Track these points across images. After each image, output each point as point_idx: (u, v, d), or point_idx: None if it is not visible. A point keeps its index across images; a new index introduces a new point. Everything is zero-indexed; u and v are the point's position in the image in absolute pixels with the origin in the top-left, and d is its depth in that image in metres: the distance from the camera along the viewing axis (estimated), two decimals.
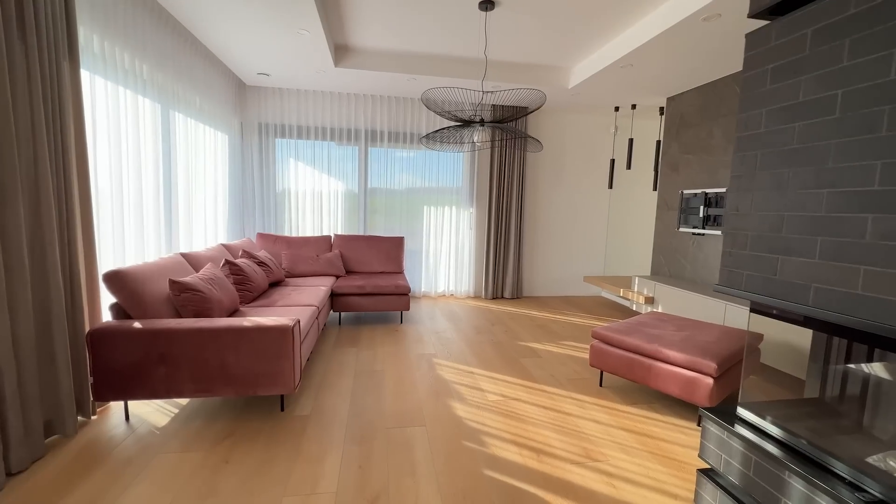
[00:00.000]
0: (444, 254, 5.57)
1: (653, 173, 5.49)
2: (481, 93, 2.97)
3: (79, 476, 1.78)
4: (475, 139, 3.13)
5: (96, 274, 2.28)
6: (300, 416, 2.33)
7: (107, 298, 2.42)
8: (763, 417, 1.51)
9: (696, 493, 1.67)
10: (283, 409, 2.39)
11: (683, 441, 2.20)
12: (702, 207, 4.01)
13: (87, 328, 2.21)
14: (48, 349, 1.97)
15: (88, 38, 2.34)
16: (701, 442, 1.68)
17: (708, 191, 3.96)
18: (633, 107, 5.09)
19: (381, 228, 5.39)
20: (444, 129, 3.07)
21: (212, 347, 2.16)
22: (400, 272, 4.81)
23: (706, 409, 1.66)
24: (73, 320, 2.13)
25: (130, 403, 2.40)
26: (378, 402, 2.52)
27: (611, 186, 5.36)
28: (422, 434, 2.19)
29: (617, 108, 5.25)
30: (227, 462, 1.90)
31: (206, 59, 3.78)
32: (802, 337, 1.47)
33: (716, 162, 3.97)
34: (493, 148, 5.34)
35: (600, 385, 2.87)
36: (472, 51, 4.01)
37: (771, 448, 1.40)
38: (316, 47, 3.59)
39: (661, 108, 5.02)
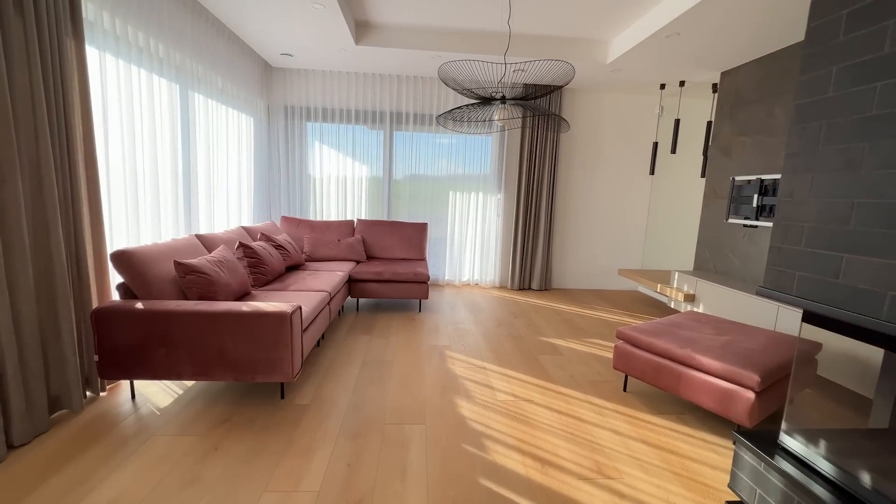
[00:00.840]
0: (470, 241, 5.38)
1: (701, 158, 4.98)
2: (503, 66, 2.72)
3: (74, 454, 1.80)
4: (496, 118, 2.89)
5: (105, 253, 2.30)
6: (299, 406, 2.26)
7: (116, 278, 2.45)
8: (812, 448, 1.24)
9: None
10: (283, 397, 2.34)
11: (715, 462, 1.93)
12: (756, 196, 3.55)
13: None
14: (54, 327, 2.00)
15: (98, 14, 2.32)
16: (732, 470, 1.43)
17: (764, 177, 3.50)
18: (682, 84, 4.60)
19: (405, 214, 5.27)
20: (461, 107, 2.85)
21: (210, 331, 2.12)
22: (422, 259, 4.67)
23: (740, 432, 1.41)
24: (80, 299, 2.15)
25: (138, 382, 2.43)
26: (381, 395, 2.41)
27: (652, 172, 4.92)
28: (420, 433, 2.06)
29: (663, 86, 4.78)
30: (216, 449, 1.86)
31: (228, 40, 3.75)
32: (873, 348, 1.18)
33: (775, 144, 3.49)
34: (523, 131, 5.03)
35: (624, 390, 2.61)
36: (496, 24, 3.73)
37: (819, 491, 1.14)
38: (333, 23, 3.45)
39: (714, 85, 4.50)
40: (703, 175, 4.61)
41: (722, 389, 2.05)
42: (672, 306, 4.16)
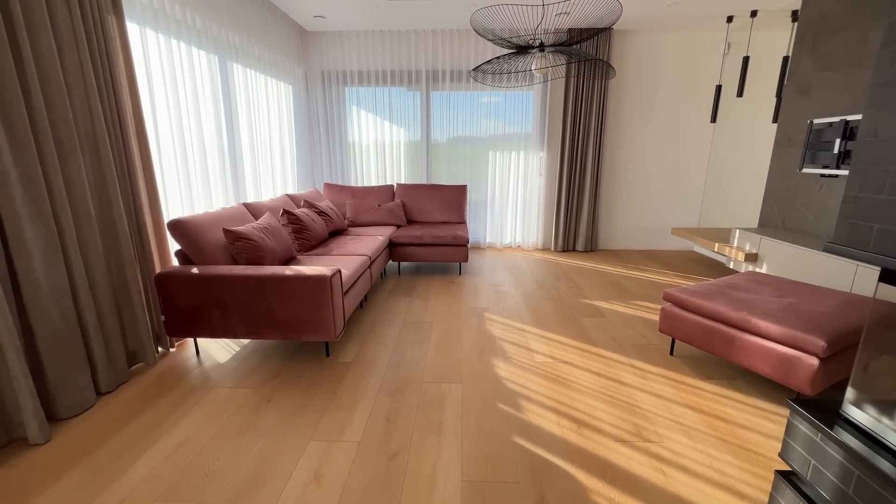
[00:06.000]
0: (511, 203, 5.24)
1: (773, 100, 4.42)
2: (542, 8, 2.50)
3: (149, 401, 2.03)
4: (534, 67, 2.69)
5: (162, 222, 2.47)
6: (342, 363, 2.39)
7: (175, 245, 2.64)
8: (884, 421, 1.12)
9: (771, 498, 1.35)
10: (328, 355, 2.47)
11: (768, 430, 1.82)
12: (838, 141, 3.11)
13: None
14: (124, 290, 2.21)
15: None
16: (784, 439, 1.33)
17: (850, 118, 3.04)
18: (753, 14, 4.02)
19: (445, 177, 5.20)
20: (495, 59, 2.68)
21: (258, 294, 2.26)
22: (461, 222, 4.64)
23: (796, 400, 1.30)
24: (144, 265, 2.36)
25: (200, 340, 2.67)
26: (419, 355, 2.48)
27: (714, 120, 4.44)
28: (456, 391, 2.11)
29: (730, 19, 4.20)
30: (269, 401, 2.02)
31: (262, 6, 3.73)
32: None
33: (867, 78, 2.99)
34: (567, 81, 4.69)
35: (671, 354, 2.49)
36: None
37: (885, 465, 1.03)
38: None
39: (794, 12, 3.90)
40: (774, 120, 4.10)
41: (781, 355, 1.89)
42: (731, 267, 3.86)
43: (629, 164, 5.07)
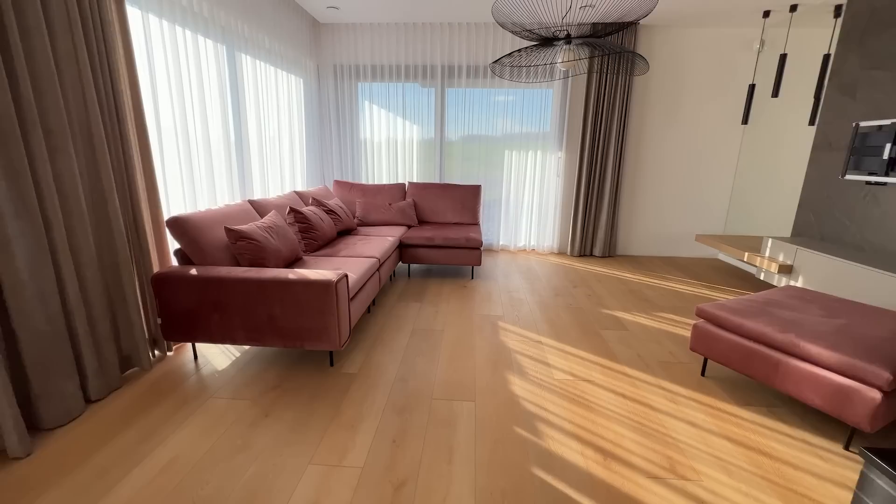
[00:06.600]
0: (527, 204, 5.05)
1: (811, 101, 4.16)
2: (567, 0, 2.31)
3: (142, 410, 1.90)
4: (559, 60, 2.50)
5: (162, 220, 2.34)
6: (347, 374, 2.23)
7: (175, 244, 2.51)
8: None
9: None
10: (332, 364, 2.32)
11: (821, 470, 1.62)
12: (888, 146, 2.87)
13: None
14: (119, 291, 2.09)
15: None
16: (855, 494, 1.14)
17: None
18: (793, 8, 3.77)
19: (458, 176, 5.03)
20: (518, 50, 2.50)
21: (259, 298, 2.11)
22: (475, 223, 4.46)
23: (871, 450, 1.10)
24: (141, 264, 2.23)
25: (199, 344, 2.54)
26: (429, 367, 2.32)
27: (745, 121, 4.20)
28: (469, 411, 1.94)
29: (766, 14, 3.95)
30: (267, 416, 1.87)
31: None
32: None
33: None
34: (589, 78, 4.48)
35: (702, 374, 2.29)
36: None
37: None
38: None
39: (838, 7, 3.65)
40: (811, 122, 3.85)
41: (835, 385, 1.68)
42: (762, 278, 3.63)
43: (652, 166, 4.84)
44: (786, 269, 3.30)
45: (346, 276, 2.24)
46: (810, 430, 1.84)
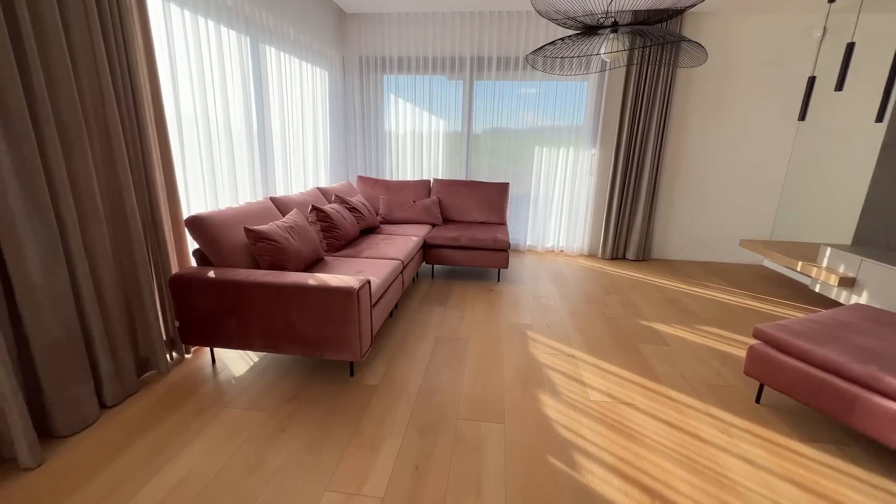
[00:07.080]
0: (557, 202, 4.81)
1: (880, 95, 3.76)
2: None
3: (157, 418, 1.83)
4: (603, 51, 2.28)
5: (181, 219, 2.27)
6: (367, 386, 2.11)
7: (194, 244, 2.44)
8: None
9: None
10: (352, 374, 2.21)
11: None
12: None
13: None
14: (137, 293, 2.02)
15: None
16: None
17: None
18: None
19: (485, 172, 4.84)
20: (559, 40, 2.29)
21: (277, 304, 2.01)
22: (502, 223, 4.27)
23: None
24: (160, 265, 2.16)
25: (214, 349, 2.46)
26: (454, 381, 2.17)
27: (803, 118, 3.83)
28: (498, 434, 1.78)
29: None
30: (283, 431, 1.77)
31: None
32: None
33: None
34: (628, 73, 4.20)
35: (757, 402, 2.07)
36: None
37: None
38: None
39: None
40: (878, 119, 3.47)
41: None
42: (817, 290, 3.32)
43: (694, 165, 4.52)
44: (847, 283, 2.99)
45: (369, 282, 2.11)
46: (892, 476, 1.61)
